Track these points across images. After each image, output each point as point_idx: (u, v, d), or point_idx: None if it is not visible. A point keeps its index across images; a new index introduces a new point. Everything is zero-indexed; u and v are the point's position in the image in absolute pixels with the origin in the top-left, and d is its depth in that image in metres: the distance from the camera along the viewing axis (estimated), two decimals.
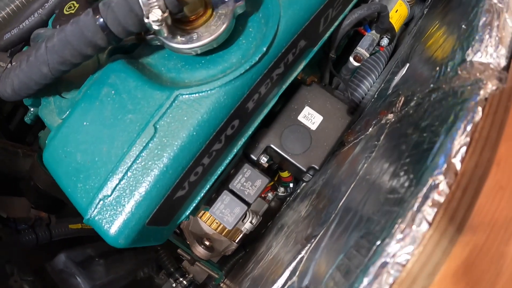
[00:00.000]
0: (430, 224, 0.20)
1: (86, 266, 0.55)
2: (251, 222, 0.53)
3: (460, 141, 0.22)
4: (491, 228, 0.19)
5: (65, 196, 0.51)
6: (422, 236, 0.20)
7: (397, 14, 0.48)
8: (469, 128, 0.22)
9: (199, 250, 0.51)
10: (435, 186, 0.21)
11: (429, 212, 0.21)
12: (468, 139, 0.22)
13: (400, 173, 0.25)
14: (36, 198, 0.52)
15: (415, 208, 0.21)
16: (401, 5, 0.48)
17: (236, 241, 0.54)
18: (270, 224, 0.63)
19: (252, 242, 0.63)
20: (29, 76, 0.34)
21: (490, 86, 0.24)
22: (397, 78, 0.46)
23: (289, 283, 0.33)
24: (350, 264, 0.24)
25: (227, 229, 0.53)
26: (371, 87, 0.52)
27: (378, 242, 0.22)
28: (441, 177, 0.21)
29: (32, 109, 0.44)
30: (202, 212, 0.52)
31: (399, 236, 0.21)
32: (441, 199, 0.20)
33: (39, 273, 0.51)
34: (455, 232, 0.19)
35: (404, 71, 0.45)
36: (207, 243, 0.52)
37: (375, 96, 0.51)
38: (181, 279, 0.58)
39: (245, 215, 0.51)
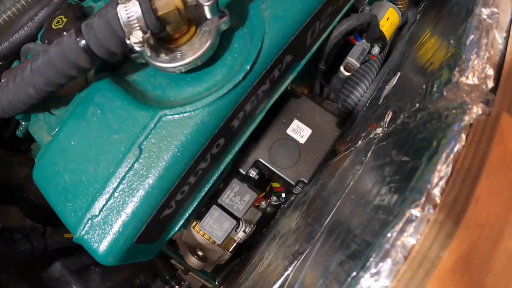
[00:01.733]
0: (405, 259, 0.20)
1: (82, 275, 0.56)
2: (244, 231, 0.53)
3: (441, 172, 0.22)
4: (467, 266, 0.19)
5: None
6: (397, 271, 0.20)
7: (388, 22, 0.47)
8: (451, 157, 0.22)
9: (192, 261, 0.51)
10: (412, 220, 0.21)
11: (404, 246, 0.20)
12: (449, 169, 0.21)
13: (381, 200, 0.25)
14: (29, 210, 0.53)
15: (390, 241, 0.21)
16: (392, 13, 0.47)
17: (229, 250, 0.54)
18: (265, 231, 0.63)
19: (247, 249, 0.64)
20: (16, 97, 0.34)
21: (475, 110, 0.24)
22: (388, 88, 0.45)
23: None
24: None
25: None
26: (361, 97, 0.52)
27: (353, 274, 0.22)
28: (418, 210, 0.21)
29: (23, 123, 0.45)
30: (195, 222, 0.52)
31: (373, 270, 0.20)
32: (418, 234, 0.20)
33: (34, 283, 0.52)
34: (429, 269, 0.19)
35: (395, 81, 0.44)
36: (200, 253, 0.52)
37: (367, 104, 0.51)
38: (176, 287, 0.58)
39: (236, 226, 0.51)
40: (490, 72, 0.25)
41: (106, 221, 0.33)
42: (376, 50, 0.47)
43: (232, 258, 0.62)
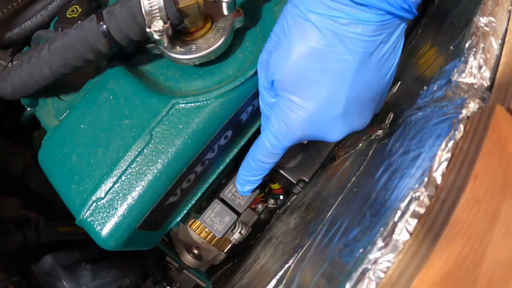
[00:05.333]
0: (410, 234, 0.21)
1: (72, 270, 0.54)
2: (240, 232, 0.54)
3: (441, 157, 0.23)
4: (467, 238, 0.20)
5: (56, 199, 0.51)
6: (403, 245, 0.21)
7: None
8: (450, 144, 0.23)
9: (188, 258, 0.51)
10: (416, 198, 0.22)
11: (409, 222, 0.22)
12: (449, 154, 0.23)
13: (386, 186, 0.26)
14: (26, 198, 0.52)
15: (396, 218, 0.22)
16: None
17: (224, 251, 0.54)
18: (259, 235, 0.63)
19: (240, 253, 0.64)
20: (30, 76, 0.35)
21: (473, 105, 0.26)
22: (388, 95, 0.47)
23: None
24: (334, 271, 0.24)
25: (216, 239, 0.53)
26: None
27: (361, 250, 0.23)
28: (422, 190, 0.22)
29: (28, 109, 0.45)
30: (192, 220, 0.52)
31: (380, 244, 0.22)
32: (421, 211, 0.22)
33: (25, 275, 0.51)
34: (433, 241, 0.20)
35: (395, 90, 0.46)
36: (195, 251, 0.52)
37: None
38: (168, 287, 0.58)
39: (234, 224, 0.51)
40: (487, 73, 0.27)
41: (111, 204, 0.34)
42: None
43: (225, 262, 0.62)
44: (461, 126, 0.24)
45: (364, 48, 0.27)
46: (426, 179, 0.22)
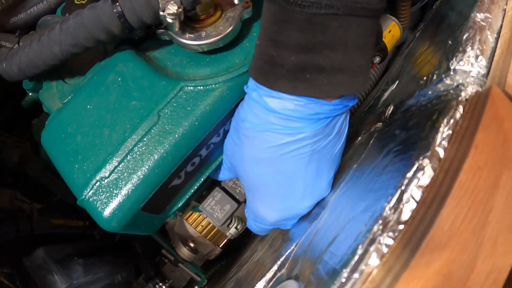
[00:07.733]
0: (417, 203, 0.22)
1: (64, 264, 0.53)
2: (236, 228, 0.54)
3: (443, 133, 0.24)
4: (471, 202, 0.21)
5: (54, 188, 0.51)
6: (411, 210, 0.22)
7: (390, 34, 0.52)
8: (451, 122, 0.25)
9: (184, 251, 0.51)
10: (421, 168, 0.23)
11: (415, 193, 0.23)
12: (450, 131, 0.24)
13: (391, 161, 0.27)
14: (23, 185, 0.51)
15: (405, 183, 0.23)
16: (394, 26, 0.52)
17: (220, 246, 0.54)
18: (253, 234, 0.63)
19: (235, 251, 0.63)
20: (38, 55, 0.35)
21: (471, 89, 0.27)
22: (386, 94, 0.49)
23: (278, 274, 0.34)
24: (342, 244, 0.25)
25: (212, 233, 0.53)
26: (361, 103, 0.55)
27: (370, 219, 0.23)
28: (426, 161, 0.23)
29: (30, 94, 0.45)
30: (189, 214, 0.52)
31: (389, 212, 0.22)
32: (426, 180, 0.23)
33: (16, 267, 0.50)
34: (438, 208, 0.21)
35: (394, 87, 0.48)
36: (191, 244, 0.52)
37: (366, 110, 0.54)
38: (160, 283, 0.57)
39: (231, 219, 0.52)
40: (483, 62, 0.29)
41: (115, 183, 0.34)
42: (377, 59, 0.52)
43: (219, 259, 0.61)
44: (460, 107, 0.26)
45: (311, 147, 0.32)
46: (429, 153, 0.24)
